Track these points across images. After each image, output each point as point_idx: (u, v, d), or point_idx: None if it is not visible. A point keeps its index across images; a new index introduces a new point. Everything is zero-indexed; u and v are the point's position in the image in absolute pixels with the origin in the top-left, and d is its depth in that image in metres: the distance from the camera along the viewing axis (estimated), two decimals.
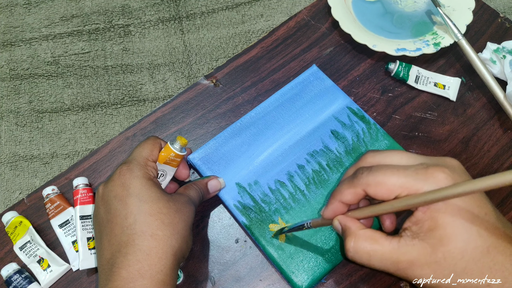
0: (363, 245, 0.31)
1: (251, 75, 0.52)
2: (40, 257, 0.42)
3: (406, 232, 0.31)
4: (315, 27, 0.56)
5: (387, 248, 0.31)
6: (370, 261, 0.31)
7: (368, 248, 0.31)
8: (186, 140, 0.39)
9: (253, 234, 0.42)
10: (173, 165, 0.39)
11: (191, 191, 0.39)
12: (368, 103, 0.51)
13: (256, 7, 0.92)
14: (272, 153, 0.46)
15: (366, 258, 0.31)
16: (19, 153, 0.77)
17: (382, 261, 0.31)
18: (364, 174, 0.32)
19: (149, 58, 0.88)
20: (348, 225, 0.33)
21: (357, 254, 0.32)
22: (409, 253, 0.30)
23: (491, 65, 0.51)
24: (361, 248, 0.31)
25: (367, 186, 0.31)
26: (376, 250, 0.31)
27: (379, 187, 0.31)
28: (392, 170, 0.30)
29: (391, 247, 0.30)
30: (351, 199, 0.33)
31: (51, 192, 0.44)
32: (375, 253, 0.31)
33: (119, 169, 0.36)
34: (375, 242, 0.31)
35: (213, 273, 0.42)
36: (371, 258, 0.31)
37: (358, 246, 0.32)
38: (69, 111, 0.82)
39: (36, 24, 0.93)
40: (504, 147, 0.48)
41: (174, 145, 0.38)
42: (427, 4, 0.57)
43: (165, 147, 0.38)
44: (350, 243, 0.32)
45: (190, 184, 0.40)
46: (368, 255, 0.31)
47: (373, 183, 0.31)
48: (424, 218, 0.29)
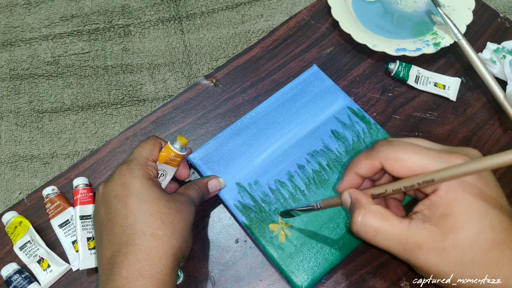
0: (372, 220, 0.30)
1: (251, 75, 0.52)
2: (40, 257, 0.42)
3: (417, 215, 0.30)
4: (315, 27, 0.56)
5: (396, 227, 0.29)
6: (376, 237, 0.30)
7: (376, 224, 0.30)
8: (186, 140, 0.39)
9: (253, 234, 0.42)
10: (173, 164, 0.39)
11: (191, 191, 0.39)
12: (368, 103, 0.51)
13: (256, 7, 0.92)
14: (272, 153, 0.46)
15: (372, 234, 0.30)
16: (19, 153, 0.77)
17: (389, 240, 0.29)
18: (384, 147, 0.31)
19: (149, 58, 0.88)
20: (359, 198, 0.32)
21: (364, 227, 0.30)
22: (418, 235, 0.29)
23: (491, 65, 0.51)
24: (369, 223, 0.30)
25: (386, 160, 0.30)
26: (384, 227, 0.29)
27: (397, 163, 0.29)
28: (414, 149, 0.29)
29: (401, 226, 0.29)
30: (366, 171, 0.32)
31: (51, 192, 0.44)
32: (383, 230, 0.29)
33: (119, 168, 0.36)
34: (384, 219, 0.30)
35: (213, 273, 0.42)
36: (378, 234, 0.30)
37: (366, 220, 0.30)
38: (69, 111, 0.82)
39: (36, 24, 0.93)
40: (504, 147, 0.48)
41: (175, 144, 0.38)
42: (427, 4, 0.57)
43: (165, 147, 0.39)
44: (358, 216, 0.30)
45: (190, 184, 0.40)
46: (375, 231, 0.30)
47: (392, 158, 0.30)
48: (439, 203, 0.28)
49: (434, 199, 0.29)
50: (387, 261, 0.42)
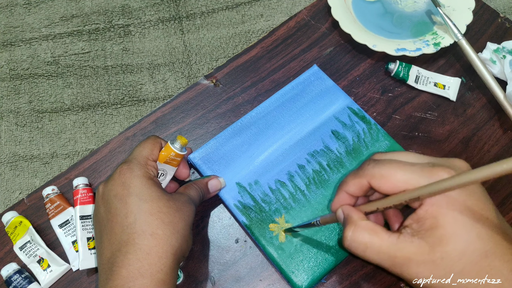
0: (361, 235, 0.31)
1: (251, 75, 0.52)
2: (40, 257, 0.42)
3: (406, 229, 0.30)
4: (315, 27, 0.56)
5: (385, 241, 0.30)
6: (366, 252, 0.31)
7: (366, 239, 0.31)
8: (186, 139, 0.39)
9: (253, 234, 0.42)
10: (173, 164, 0.39)
11: (191, 191, 0.39)
12: (368, 103, 0.51)
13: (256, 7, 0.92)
14: (272, 153, 0.46)
15: (362, 249, 0.31)
16: (19, 153, 0.77)
17: (379, 254, 0.30)
18: (370, 166, 0.32)
19: (149, 58, 0.88)
20: (351, 214, 0.33)
21: (354, 243, 0.31)
22: (407, 249, 0.29)
23: (491, 65, 0.51)
24: (359, 238, 0.31)
25: (372, 178, 0.31)
26: (373, 242, 0.30)
27: (383, 180, 0.30)
28: (398, 165, 0.30)
29: (390, 241, 0.30)
30: (355, 190, 0.33)
31: (51, 192, 0.44)
32: (372, 245, 0.30)
33: (119, 168, 0.36)
34: (374, 234, 0.31)
35: (213, 273, 0.42)
36: (368, 249, 0.31)
37: (356, 236, 0.31)
38: (69, 111, 0.82)
39: (36, 24, 0.93)
40: (504, 147, 0.48)
41: (175, 144, 0.38)
42: (427, 4, 0.57)
43: (165, 147, 0.39)
44: (349, 231, 0.31)
45: (191, 184, 0.40)
46: (364, 246, 0.31)
47: (378, 176, 0.31)
48: (425, 216, 0.29)
49: (421, 213, 0.29)
50: None
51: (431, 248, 0.28)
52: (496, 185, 0.46)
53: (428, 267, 0.29)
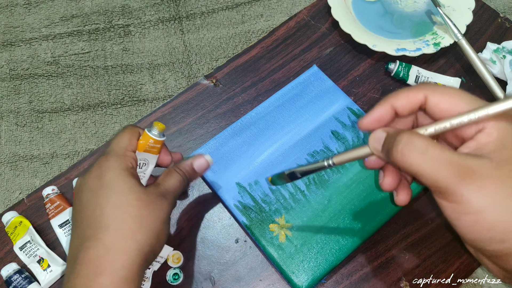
0: (420, 139, 0.26)
1: (251, 75, 0.52)
2: (40, 257, 0.42)
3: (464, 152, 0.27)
4: (315, 27, 0.56)
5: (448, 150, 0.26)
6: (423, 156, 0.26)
7: (426, 142, 0.26)
8: (163, 125, 0.37)
9: (253, 234, 0.42)
10: (153, 152, 0.37)
11: (171, 179, 0.36)
12: (368, 103, 0.51)
13: (256, 7, 0.92)
14: (272, 153, 0.46)
15: (420, 151, 0.26)
16: (19, 153, 0.77)
17: (438, 161, 0.25)
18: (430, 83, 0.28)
19: (149, 58, 0.88)
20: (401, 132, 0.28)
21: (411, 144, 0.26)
22: (472, 161, 0.25)
23: (491, 65, 0.51)
24: (417, 141, 0.26)
25: (432, 93, 0.28)
26: (435, 147, 0.26)
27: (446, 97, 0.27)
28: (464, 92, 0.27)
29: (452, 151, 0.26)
30: (405, 104, 0.29)
31: (51, 192, 0.44)
32: (433, 150, 0.26)
33: (97, 160, 0.34)
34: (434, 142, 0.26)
35: (213, 273, 0.42)
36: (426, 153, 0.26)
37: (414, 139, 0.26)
38: (69, 111, 0.82)
39: (36, 24, 0.93)
40: None
41: (152, 131, 0.37)
42: (427, 4, 0.57)
43: (143, 135, 0.37)
44: (405, 134, 0.27)
45: (172, 169, 0.37)
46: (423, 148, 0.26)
47: (440, 91, 0.27)
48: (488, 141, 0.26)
49: (481, 137, 0.26)
50: (387, 261, 0.42)
51: (498, 165, 0.25)
52: None
53: (493, 183, 0.25)
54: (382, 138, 0.29)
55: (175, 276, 0.41)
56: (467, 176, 0.25)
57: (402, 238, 0.43)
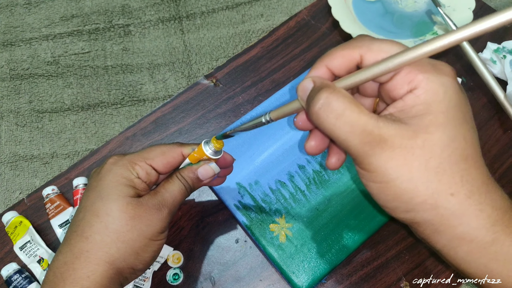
0: (339, 100, 0.25)
1: (251, 75, 0.52)
2: (40, 257, 0.42)
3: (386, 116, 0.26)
4: (315, 27, 0.56)
5: (364, 116, 0.24)
6: (338, 121, 0.24)
7: (342, 106, 0.24)
8: (222, 143, 0.35)
9: (253, 234, 0.42)
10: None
11: (171, 187, 0.34)
12: None
13: (256, 7, 0.92)
14: (272, 153, 0.46)
15: (334, 116, 0.25)
16: (19, 153, 0.77)
17: (352, 127, 0.24)
18: (367, 38, 0.26)
19: (149, 58, 0.88)
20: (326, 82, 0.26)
21: (328, 107, 0.25)
22: (387, 128, 0.24)
23: (491, 65, 0.51)
24: (335, 103, 0.25)
25: (368, 50, 0.26)
26: (352, 110, 0.24)
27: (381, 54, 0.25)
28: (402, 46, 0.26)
29: (369, 116, 0.25)
30: (341, 63, 0.27)
31: (51, 192, 0.44)
32: (349, 114, 0.24)
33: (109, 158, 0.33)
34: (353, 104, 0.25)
35: (213, 273, 0.42)
36: (341, 118, 0.24)
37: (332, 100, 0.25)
38: (69, 111, 0.82)
39: (36, 24, 0.93)
40: (504, 147, 0.48)
41: (208, 147, 0.35)
42: (428, 4, 0.56)
43: (198, 147, 0.35)
44: (324, 93, 0.25)
45: (175, 176, 0.34)
46: (339, 113, 0.24)
47: (376, 49, 0.26)
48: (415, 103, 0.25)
49: (410, 98, 0.25)
50: (387, 261, 0.42)
51: (414, 133, 0.24)
52: None
53: (404, 153, 0.24)
54: (309, 89, 0.27)
55: (175, 276, 0.41)
56: (377, 146, 0.24)
57: (402, 238, 0.43)
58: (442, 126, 0.24)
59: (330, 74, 0.28)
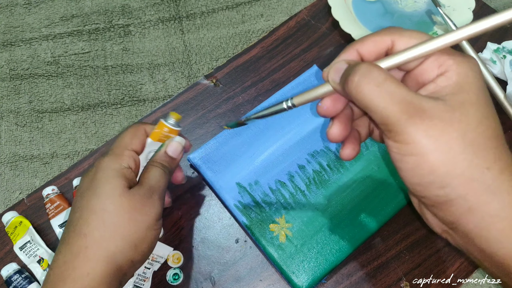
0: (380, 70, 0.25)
1: (251, 75, 0.52)
2: (40, 257, 0.42)
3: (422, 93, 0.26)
4: (315, 27, 0.56)
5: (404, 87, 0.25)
6: (378, 88, 0.25)
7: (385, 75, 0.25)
8: (179, 115, 0.36)
9: (253, 234, 0.42)
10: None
11: (151, 174, 0.34)
12: None
13: (256, 7, 0.92)
14: (272, 153, 0.46)
15: (375, 83, 0.25)
16: (19, 153, 0.77)
17: (393, 95, 0.24)
18: (397, 28, 0.27)
19: (149, 58, 0.88)
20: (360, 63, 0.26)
21: (370, 75, 0.25)
22: (426, 101, 0.25)
23: (491, 65, 0.51)
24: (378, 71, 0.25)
25: (400, 37, 0.27)
26: (392, 81, 0.25)
27: (412, 40, 0.27)
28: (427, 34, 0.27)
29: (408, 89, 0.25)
30: (372, 48, 0.28)
31: (51, 192, 0.44)
32: (390, 83, 0.25)
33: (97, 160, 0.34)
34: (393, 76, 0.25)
35: (213, 273, 0.42)
36: (382, 86, 0.24)
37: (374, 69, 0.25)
38: (69, 111, 0.82)
39: (36, 24, 0.93)
40: None
41: (168, 120, 0.36)
42: (427, 4, 0.56)
43: (158, 124, 0.36)
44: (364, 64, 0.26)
45: (149, 164, 0.35)
46: (380, 81, 0.25)
47: (407, 35, 0.27)
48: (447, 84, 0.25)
49: (441, 80, 0.26)
50: (387, 261, 0.42)
51: (451, 108, 0.25)
52: None
53: (442, 124, 0.24)
54: (343, 69, 0.27)
55: (175, 276, 0.41)
56: (416, 115, 0.24)
57: (402, 238, 0.43)
58: (476, 104, 0.25)
59: (359, 58, 0.28)
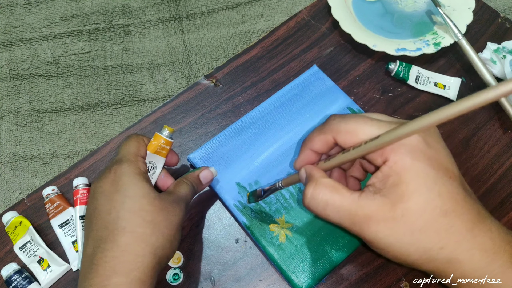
0: (322, 192, 0.30)
1: (251, 75, 0.52)
2: (40, 257, 0.42)
3: (369, 187, 0.29)
4: (315, 27, 0.56)
5: (346, 199, 0.29)
6: (326, 210, 0.30)
7: (326, 196, 0.29)
8: (172, 128, 0.39)
9: (253, 234, 0.42)
10: (162, 154, 0.39)
11: (181, 188, 0.38)
12: (368, 103, 0.51)
13: (256, 7, 0.92)
14: (272, 153, 0.46)
15: (322, 207, 0.30)
16: (19, 153, 0.77)
17: (339, 212, 0.29)
18: (335, 121, 0.31)
19: (149, 58, 0.88)
20: (312, 173, 0.32)
21: (314, 200, 0.30)
22: (368, 206, 0.28)
23: (491, 65, 0.51)
24: (319, 196, 0.30)
25: (338, 133, 0.30)
26: (334, 199, 0.29)
27: (349, 135, 0.30)
28: (365, 120, 0.29)
29: (351, 199, 0.29)
30: (320, 146, 0.32)
31: (51, 192, 0.44)
32: (333, 202, 0.29)
33: (109, 166, 0.35)
34: (335, 191, 0.30)
35: (213, 273, 0.42)
36: (328, 207, 0.29)
37: (317, 193, 0.30)
38: (69, 111, 0.82)
39: (36, 24, 0.93)
40: (504, 147, 0.48)
41: (163, 132, 0.38)
42: (427, 4, 0.56)
43: (154, 136, 0.38)
44: (309, 189, 0.30)
45: (181, 180, 0.39)
46: (325, 203, 0.30)
47: (343, 131, 0.30)
48: (389, 173, 0.28)
49: (385, 170, 0.28)
50: (387, 261, 0.42)
51: (392, 205, 0.28)
52: (496, 186, 0.46)
53: (388, 224, 0.28)
54: (304, 178, 0.33)
55: (175, 276, 0.41)
56: (364, 224, 0.28)
57: None
58: (415, 193, 0.27)
59: (316, 155, 0.33)
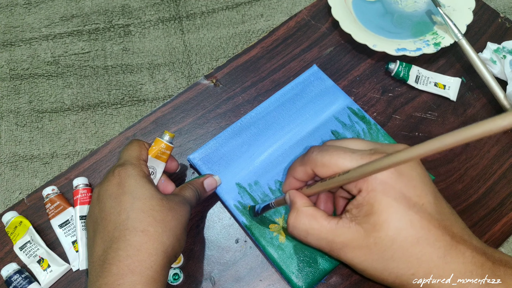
0: (302, 221, 0.32)
1: (251, 75, 0.52)
2: (40, 257, 0.42)
3: (346, 214, 0.31)
4: (315, 27, 0.56)
5: (324, 227, 0.32)
6: (307, 238, 0.33)
7: (306, 225, 0.32)
8: (172, 133, 0.40)
9: (253, 234, 0.42)
10: (163, 159, 0.39)
11: (186, 192, 0.39)
12: (368, 103, 0.51)
13: (256, 7, 0.92)
14: (272, 153, 0.46)
15: (303, 235, 0.33)
16: (19, 153, 0.77)
17: (318, 240, 0.32)
18: (313, 154, 0.33)
19: (149, 58, 0.88)
20: (295, 200, 0.34)
21: (295, 229, 0.33)
22: (344, 235, 0.31)
23: (491, 65, 0.51)
24: (300, 224, 0.32)
25: (315, 166, 0.32)
26: (314, 228, 0.32)
27: (325, 168, 0.31)
28: (339, 153, 0.31)
29: (329, 227, 0.31)
30: (302, 176, 0.34)
31: (51, 192, 0.44)
32: (312, 231, 0.32)
33: (113, 170, 0.36)
34: (314, 220, 0.32)
35: (213, 273, 0.42)
36: (308, 235, 0.32)
37: (298, 222, 0.33)
38: (69, 111, 0.82)
39: (36, 24, 0.93)
40: (504, 148, 0.48)
41: (164, 137, 0.39)
42: (427, 4, 0.56)
43: (155, 141, 0.39)
44: (291, 218, 0.33)
45: (186, 185, 0.40)
46: (305, 232, 0.32)
47: (320, 164, 0.32)
48: (363, 203, 0.30)
49: (359, 199, 0.30)
50: None
51: (366, 234, 0.30)
52: (495, 186, 0.46)
53: (363, 251, 0.30)
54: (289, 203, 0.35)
55: (175, 276, 0.41)
56: (341, 250, 0.31)
57: None
58: (385, 223, 0.29)
59: (299, 182, 0.35)
